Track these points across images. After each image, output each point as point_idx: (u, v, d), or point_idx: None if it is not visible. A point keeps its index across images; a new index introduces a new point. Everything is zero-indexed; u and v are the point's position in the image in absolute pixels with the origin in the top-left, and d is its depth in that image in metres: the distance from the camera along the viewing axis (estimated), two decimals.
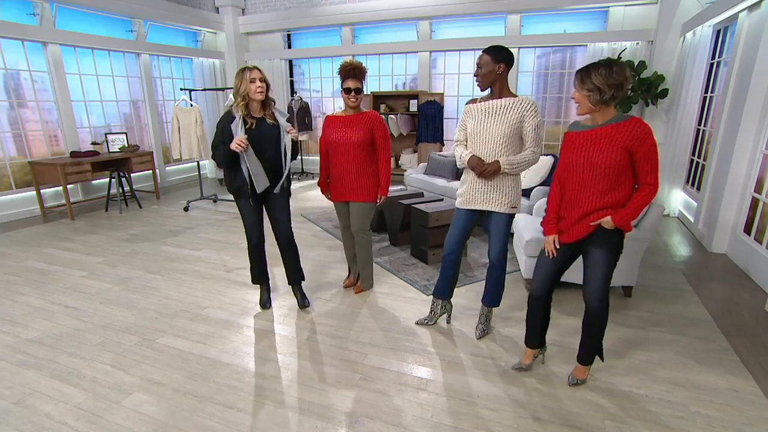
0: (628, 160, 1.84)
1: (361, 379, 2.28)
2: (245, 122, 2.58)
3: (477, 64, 2.35)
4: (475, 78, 2.39)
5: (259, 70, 2.58)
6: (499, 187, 2.40)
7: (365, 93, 2.90)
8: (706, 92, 5.13)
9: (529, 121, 2.31)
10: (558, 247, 2.08)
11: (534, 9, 6.46)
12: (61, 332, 2.78)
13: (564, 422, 1.96)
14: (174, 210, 5.97)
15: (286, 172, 2.76)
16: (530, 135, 2.33)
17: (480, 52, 2.36)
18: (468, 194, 2.49)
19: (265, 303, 3.08)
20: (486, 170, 2.35)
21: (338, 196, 3.04)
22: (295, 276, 3.05)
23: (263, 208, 2.87)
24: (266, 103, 2.67)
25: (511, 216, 2.46)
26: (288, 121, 2.76)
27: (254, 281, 3.07)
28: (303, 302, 3.04)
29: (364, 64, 2.86)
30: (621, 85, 1.79)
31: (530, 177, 4.45)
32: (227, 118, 2.60)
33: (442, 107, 7.14)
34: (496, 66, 2.30)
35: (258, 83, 2.55)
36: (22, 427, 1.95)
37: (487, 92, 2.45)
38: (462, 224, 2.56)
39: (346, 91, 2.82)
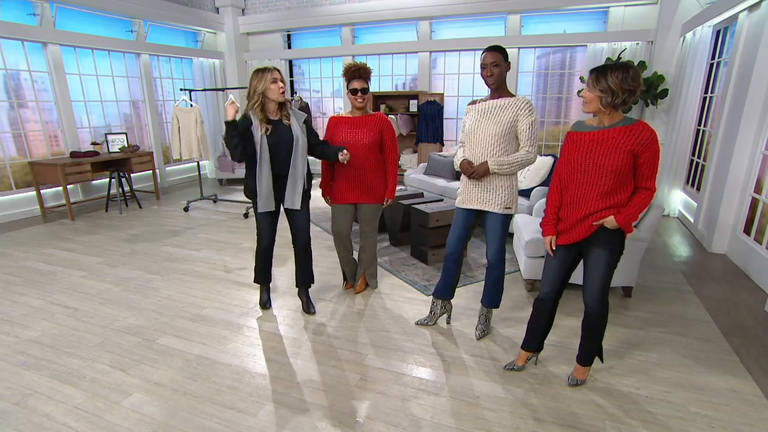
0: (632, 163, 1.84)
1: (360, 379, 2.28)
2: (262, 126, 2.54)
3: (491, 63, 2.27)
4: (487, 77, 2.31)
5: (279, 70, 2.55)
6: (491, 188, 2.40)
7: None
8: (706, 92, 5.13)
9: (524, 120, 2.30)
10: (555, 248, 2.08)
11: (534, 9, 6.46)
12: (61, 332, 2.78)
13: (564, 423, 1.96)
14: (174, 210, 5.97)
15: (303, 179, 2.72)
16: (525, 134, 2.32)
17: (484, 52, 2.30)
18: (464, 193, 2.51)
19: (265, 303, 3.07)
20: (474, 172, 2.36)
21: (343, 198, 3.00)
22: (304, 279, 3.01)
23: (279, 212, 2.84)
24: (283, 103, 2.63)
25: (507, 217, 2.46)
26: (305, 121, 2.72)
27: (256, 281, 3.07)
28: (309, 308, 3.01)
29: (368, 65, 2.85)
30: (633, 91, 1.78)
31: (530, 177, 4.45)
32: (244, 123, 2.56)
33: (442, 107, 7.15)
34: (506, 65, 2.29)
35: (279, 84, 2.53)
36: (22, 428, 1.95)
37: (487, 92, 2.44)
38: (461, 223, 2.56)
39: (353, 92, 2.81)
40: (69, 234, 4.90)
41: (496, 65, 2.28)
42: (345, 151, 2.72)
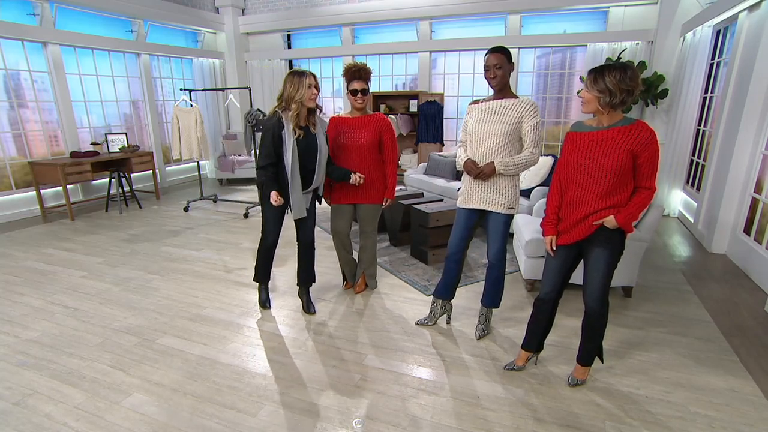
0: (632, 163, 1.84)
1: (360, 379, 2.28)
2: (295, 132, 2.54)
3: (494, 65, 2.27)
4: (491, 79, 2.30)
5: (315, 75, 2.55)
6: (495, 188, 2.40)
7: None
8: (706, 92, 5.13)
9: (528, 122, 2.31)
10: (555, 248, 2.08)
11: (534, 9, 6.46)
12: (61, 332, 2.78)
13: (564, 423, 1.96)
14: (174, 210, 5.97)
15: (321, 184, 2.79)
16: (529, 135, 2.32)
17: (487, 54, 2.29)
18: (466, 193, 2.50)
19: (265, 302, 3.08)
20: (481, 173, 2.36)
21: (343, 198, 3.01)
22: (305, 277, 3.02)
23: (286, 210, 2.85)
24: (312, 110, 2.63)
25: (509, 217, 2.46)
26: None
27: (256, 279, 3.07)
28: (309, 308, 3.01)
29: (368, 65, 2.86)
30: (632, 92, 1.78)
31: (530, 177, 4.45)
32: (277, 124, 2.54)
33: (442, 107, 7.15)
34: (510, 66, 2.29)
35: (314, 90, 2.52)
36: (22, 428, 1.95)
37: (490, 93, 2.44)
38: (463, 223, 2.56)
39: (353, 92, 2.82)
40: (69, 234, 4.90)
41: (499, 67, 2.27)
42: (360, 175, 2.77)
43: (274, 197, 2.56)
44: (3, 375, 2.35)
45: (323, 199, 3.07)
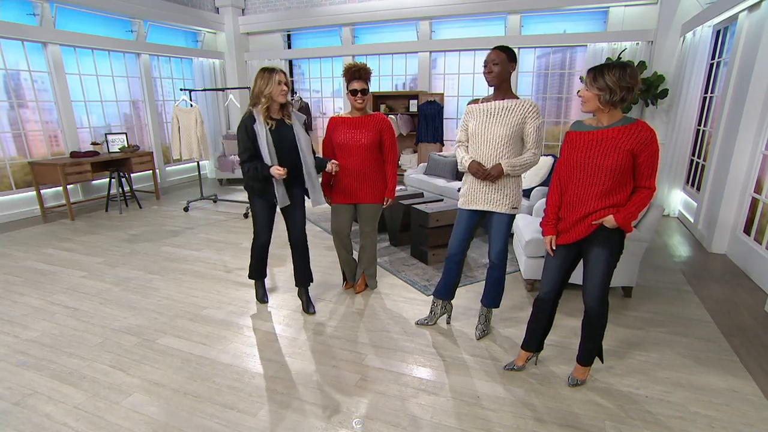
0: (632, 162, 1.84)
1: (360, 379, 2.28)
2: (266, 123, 2.59)
3: (491, 61, 2.28)
4: (487, 75, 2.32)
5: (284, 72, 2.60)
6: (500, 188, 2.40)
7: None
8: (706, 92, 5.13)
9: (531, 123, 2.31)
10: (555, 248, 2.08)
11: (534, 9, 6.46)
12: (61, 332, 2.78)
13: (564, 423, 1.96)
14: (174, 210, 5.97)
15: (308, 177, 2.77)
16: (531, 137, 2.33)
17: (488, 51, 2.30)
18: (469, 194, 2.49)
19: (263, 297, 3.12)
20: (489, 174, 2.35)
21: (344, 198, 3.01)
22: (302, 277, 3.02)
23: (276, 209, 2.86)
24: (285, 104, 2.68)
25: (512, 216, 2.46)
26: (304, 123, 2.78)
27: (252, 276, 3.09)
28: (308, 308, 3.01)
29: (368, 65, 2.86)
30: (631, 89, 1.79)
31: (530, 177, 4.45)
32: (248, 119, 2.60)
33: (442, 107, 7.15)
34: (510, 65, 2.29)
35: (283, 87, 2.57)
36: (22, 428, 1.95)
37: (490, 92, 2.44)
38: (465, 224, 2.55)
39: (353, 92, 2.82)
40: (69, 234, 4.90)
41: (496, 63, 2.28)
42: (334, 162, 2.75)
43: (276, 170, 2.53)
44: (3, 375, 2.35)
45: (324, 198, 3.07)
